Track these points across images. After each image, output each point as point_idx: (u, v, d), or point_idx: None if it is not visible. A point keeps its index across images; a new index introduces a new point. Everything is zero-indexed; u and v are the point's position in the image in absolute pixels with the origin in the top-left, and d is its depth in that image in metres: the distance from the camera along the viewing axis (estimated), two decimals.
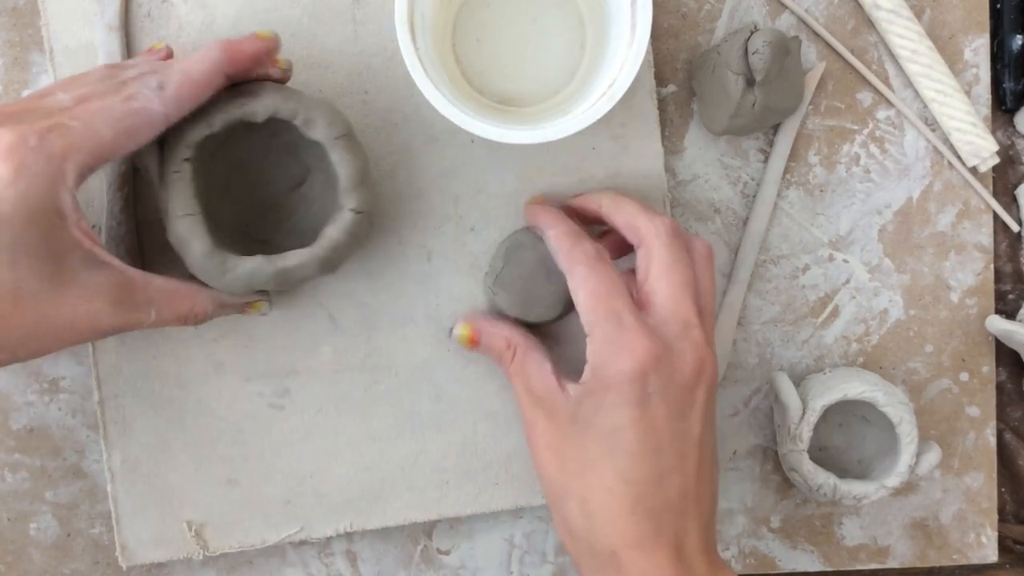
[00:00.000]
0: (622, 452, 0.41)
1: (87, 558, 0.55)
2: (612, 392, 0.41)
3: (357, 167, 0.45)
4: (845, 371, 0.53)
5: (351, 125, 0.46)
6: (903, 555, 0.56)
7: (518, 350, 0.47)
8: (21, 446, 0.54)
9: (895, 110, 0.54)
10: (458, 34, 0.51)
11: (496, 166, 0.52)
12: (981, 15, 0.54)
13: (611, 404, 0.41)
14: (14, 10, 0.52)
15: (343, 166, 0.44)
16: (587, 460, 0.42)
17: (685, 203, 0.54)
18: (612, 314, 0.42)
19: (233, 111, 0.43)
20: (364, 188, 0.45)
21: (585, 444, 0.42)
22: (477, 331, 0.49)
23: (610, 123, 0.52)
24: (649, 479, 0.41)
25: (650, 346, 0.41)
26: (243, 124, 0.44)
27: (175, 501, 0.52)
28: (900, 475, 0.50)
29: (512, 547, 0.56)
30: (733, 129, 0.51)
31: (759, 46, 0.48)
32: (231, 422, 0.52)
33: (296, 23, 0.51)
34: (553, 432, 0.43)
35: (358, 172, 0.45)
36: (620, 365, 0.41)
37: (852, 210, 0.54)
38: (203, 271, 0.44)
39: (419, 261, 0.52)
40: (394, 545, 0.55)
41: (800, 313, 0.55)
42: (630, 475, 0.41)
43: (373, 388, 0.52)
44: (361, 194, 0.45)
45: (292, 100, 0.44)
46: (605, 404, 0.41)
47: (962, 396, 0.55)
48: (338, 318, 0.52)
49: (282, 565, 0.55)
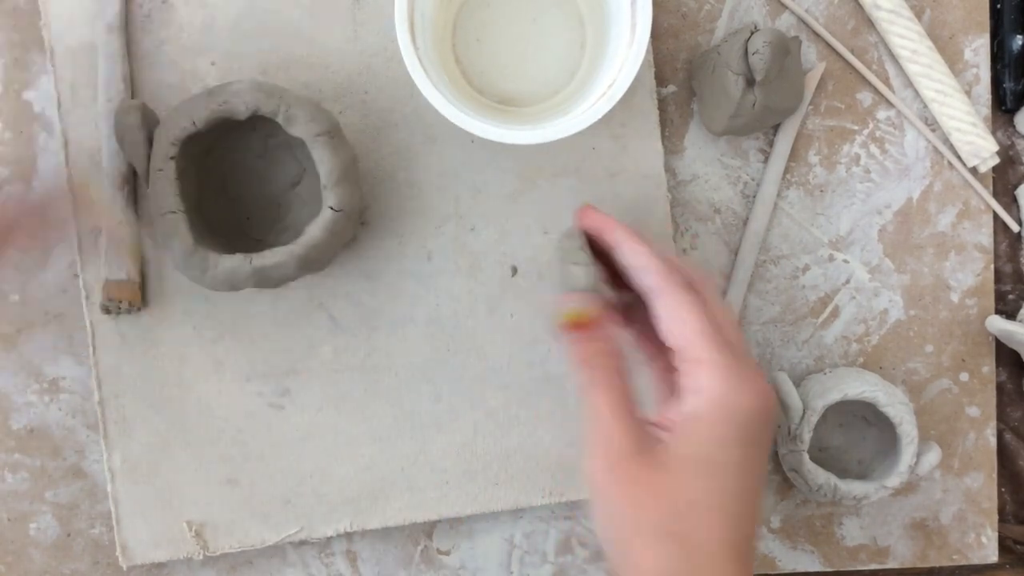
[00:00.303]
0: (728, 492, 0.37)
1: (87, 558, 0.55)
2: (732, 426, 0.37)
3: (338, 164, 0.44)
4: (845, 371, 0.53)
5: (337, 123, 0.46)
6: (903, 555, 0.56)
7: (623, 366, 0.40)
8: (21, 446, 0.54)
9: (895, 110, 0.54)
10: (458, 34, 0.51)
11: (496, 166, 0.52)
12: (981, 15, 0.54)
13: (730, 439, 0.37)
14: (14, 10, 0.52)
15: (323, 163, 0.44)
16: (690, 498, 0.36)
17: (685, 203, 0.54)
18: (726, 345, 0.38)
19: (216, 109, 0.44)
20: (346, 186, 0.45)
21: (688, 479, 0.37)
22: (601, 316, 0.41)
23: (610, 123, 0.52)
24: (747, 522, 0.37)
25: (768, 383, 0.38)
26: (239, 123, 0.44)
27: (175, 501, 0.52)
28: (900, 475, 0.50)
29: (512, 547, 0.56)
30: (733, 129, 0.51)
31: (759, 46, 0.48)
32: (231, 422, 0.52)
33: (296, 23, 0.51)
34: (640, 462, 0.37)
35: (339, 170, 0.44)
36: (744, 401, 0.37)
37: (852, 210, 0.54)
38: (184, 268, 0.44)
39: (419, 261, 0.52)
40: (394, 545, 0.55)
41: (800, 313, 0.55)
42: (732, 517, 0.37)
43: (373, 388, 0.52)
44: (341, 192, 0.45)
45: (275, 97, 0.44)
46: (723, 438, 0.37)
47: (962, 396, 0.55)
48: (338, 318, 0.52)
49: (282, 565, 0.55)
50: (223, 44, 0.51)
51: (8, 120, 0.52)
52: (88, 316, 0.52)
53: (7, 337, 0.53)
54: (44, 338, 0.53)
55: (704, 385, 0.37)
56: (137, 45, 0.51)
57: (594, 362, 0.40)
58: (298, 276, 0.45)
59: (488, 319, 0.52)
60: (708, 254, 0.54)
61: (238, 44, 0.51)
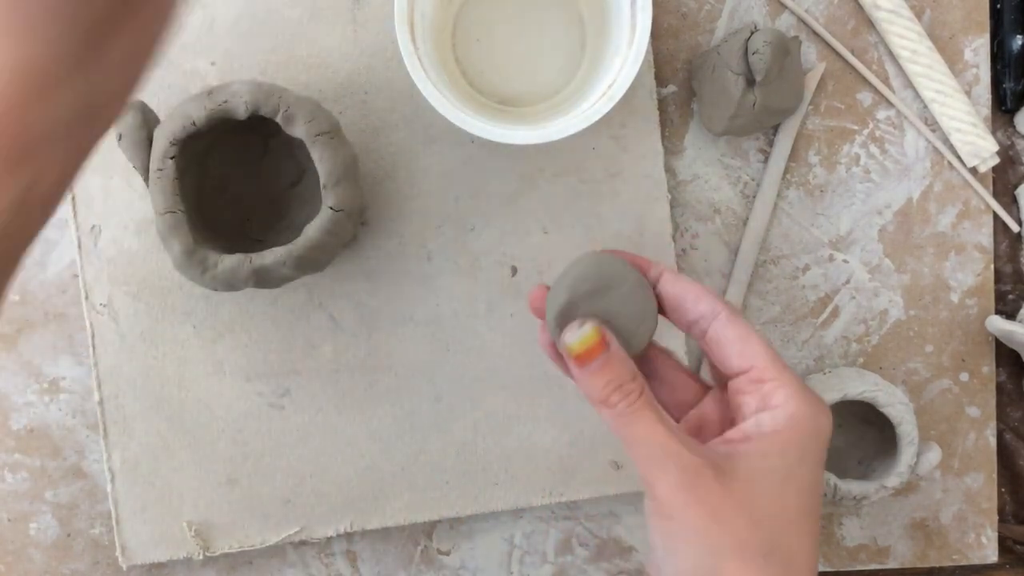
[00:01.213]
0: (812, 509, 0.36)
1: (87, 558, 0.55)
2: (812, 443, 0.36)
3: (337, 164, 0.44)
4: (845, 371, 0.53)
5: (337, 123, 0.46)
6: (903, 555, 0.56)
7: (645, 387, 0.37)
8: (21, 446, 0.54)
9: (895, 110, 0.54)
10: (458, 34, 0.51)
11: (496, 166, 0.52)
12: (981, 15, 0.54)
13: (809, 455, 0.36)
14: None
15: (322, 163, 0.44)
16: (776, 513, 0.35)
17: (685, 203, 0.54)
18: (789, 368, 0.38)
19: (215, 109, 0.44)
20: (345, 186, 0.45)
21: (773, 493, 0.35)
22: (607, 339, 0.37)
23: (610, 123, 0.52)
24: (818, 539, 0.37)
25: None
26: (239, 123, 0.44)
27: (175, 501, 0.52)
28: (900, 475, 0.50)
29: (512, 547, 0.56)
30: (733, 129, 0.51)
31: (759, 46, 0.48)
32: (231, 422, 0.52)
33: (296, 23, 0.51)
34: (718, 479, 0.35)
35: (338, 169, 0.44)
36: (821, 419, 0.37)
37: (852, 210, 0.54)
38: (184, 268, 0.44)
39: (419, 261, 0.52)
40: (394, 545, 0.55)
41: (800, 313, 0.55)
42: (815, 535, 0.36)
43: (373, 388, 0.52)
44: (341, 192, 0.45)
45: (274, 97, 0.44)
46: (802, 454, 0.36)
47: (962, 396, 0.55)
48: (338, 318, 0.52)
49: (282, 565, 0.55)
50: (223, 44, 0.51)
51: None
52: (88, 316, 0.52)
53: (7, 337, 0.53)
54: (44, 338, 0.53)
55: (782, 403, 0.36)
56: None
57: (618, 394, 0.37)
58: (298, 276, 0.45)
59: (488, 319, 0.52)
60: (708, 254, 0.54)
61: (238, 44, 0.51)
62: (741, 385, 0.38)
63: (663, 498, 0.35)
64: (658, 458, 0.35)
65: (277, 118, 0.44)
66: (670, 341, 0.53)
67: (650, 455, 0.35)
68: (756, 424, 0.36)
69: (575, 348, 0.37)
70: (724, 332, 0.38)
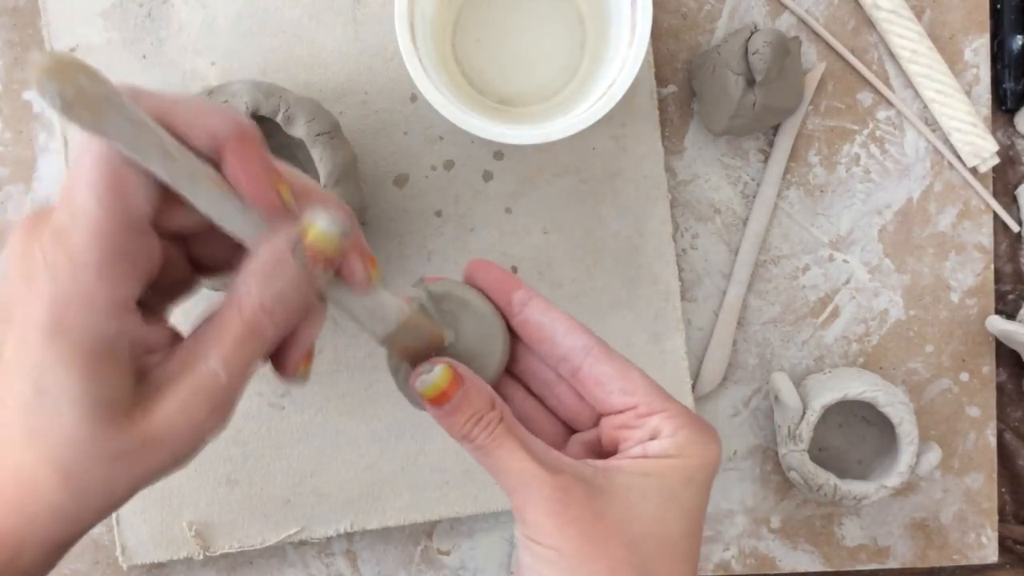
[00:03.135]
0: (694, 536, 0.35)
1: (87, 558, 0.54)
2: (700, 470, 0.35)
3: (337, 164, 0.44)
4: (845, 371, 0.53)
5: (337, 123, 0.46)
6: (903, 555, 0.56)
7: (505, 412, 0.35)
8: None
9: (895, 110, 0.54)
10: (458, 34, 0.51)
11: (496, 166, 0.52)
12: (981, 15, 0.54)
13: (697, 485, 0.35)
14: (14, 10, 0.52)
15: (323, 163, 0.44)
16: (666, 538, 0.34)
17: (685, 203, 0.54)
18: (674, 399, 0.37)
19: None
20: (345, 186, 0.45)
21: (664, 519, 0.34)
22: (461, 375, 0.35)
23: (610, 123, 0.52)
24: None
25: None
26: None
27: (175, 501, 0.52)
28: (900, 475, 0.50)
29: (512, 547, 0.56)
30: (733, 129, 0.51)
31: (759, 46, 0.48)
32: (231, 422, 0.52)
33: (296, 23, 0.51)
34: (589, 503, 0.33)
35: (338, 170, 0.44)
36: (712, 449, 0.35)
37: (852, 210, 0.54)
38: None
39: (419, 261, 0.52)
40: (394, 545, 0.55)
41: (800, 313, 0.55)
42: (696, 561, 0.35)
43: (373, 388, 0.52)
44: (341, 192, 0.45)
45: (274, 97, 0.44)
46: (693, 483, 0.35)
47: (962, 396, 0.55)
48: (338, 318, 0.52)
49: (282, 565, 0.55)
50: (223, 44, 0.51)
51: (8, 120, 0.52)
52: None
53: None
54: None
55: (672, 432, 0.35)
56: (137, 45, 0.51)
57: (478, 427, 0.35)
58: None
59: None
60: (708, 254, 0.54)
61: (238, 44, 0.51)
62: (627, 420, 0.36)
63: (533, 523, 0.33)
64: (524, 484, 0.33)
65: (277, 118, 0.44)
66: (670, 341, 0.53)
67: (516, 483, 0.34)
68: (642, 450, 0.35)
69: (429, 393, 0.35)
70: (601, 368, 0.36)
